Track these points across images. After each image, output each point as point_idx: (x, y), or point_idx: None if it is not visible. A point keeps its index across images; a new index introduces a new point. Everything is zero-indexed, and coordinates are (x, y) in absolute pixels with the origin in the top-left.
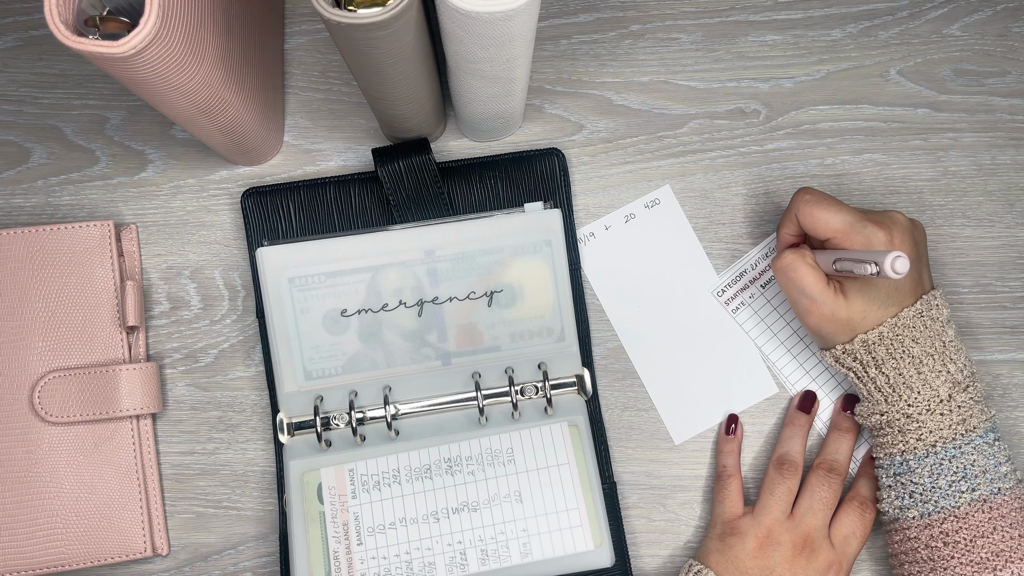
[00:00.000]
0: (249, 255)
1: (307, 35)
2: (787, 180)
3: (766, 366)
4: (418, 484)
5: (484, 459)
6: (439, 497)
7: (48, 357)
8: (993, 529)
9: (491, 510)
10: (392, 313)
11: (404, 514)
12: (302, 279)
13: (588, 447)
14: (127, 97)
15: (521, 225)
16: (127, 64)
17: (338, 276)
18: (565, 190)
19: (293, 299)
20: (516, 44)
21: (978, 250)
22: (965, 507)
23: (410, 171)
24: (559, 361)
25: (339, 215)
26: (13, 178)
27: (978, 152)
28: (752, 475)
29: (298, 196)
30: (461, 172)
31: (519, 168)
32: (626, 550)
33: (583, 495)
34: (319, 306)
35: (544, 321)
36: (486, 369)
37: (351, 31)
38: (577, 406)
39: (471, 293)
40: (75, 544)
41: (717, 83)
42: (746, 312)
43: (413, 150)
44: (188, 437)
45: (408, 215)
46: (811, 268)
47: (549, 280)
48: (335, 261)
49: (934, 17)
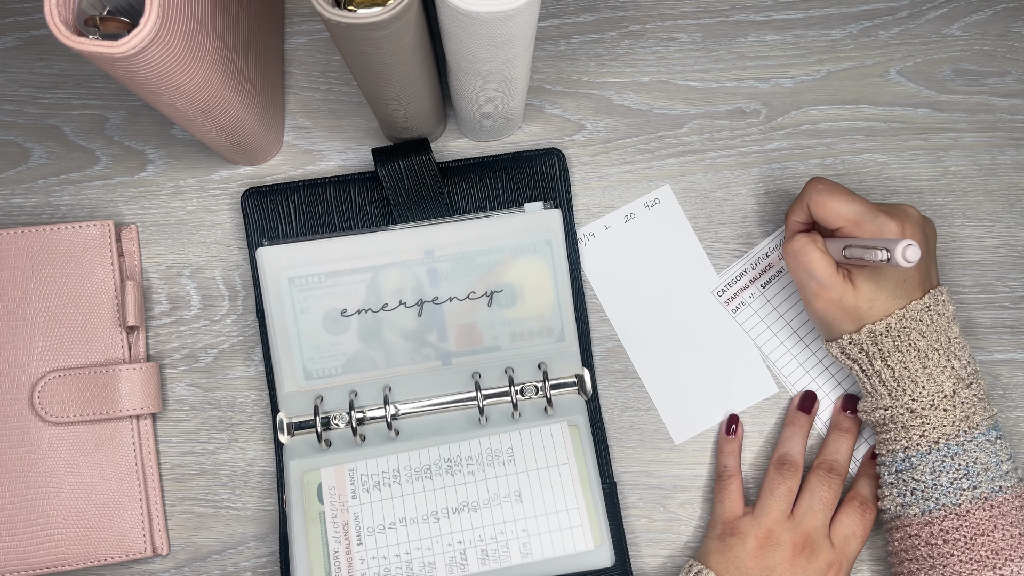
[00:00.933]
0: (249, 255)
1: (307, 35)
2: (787, 180)
3: (766, 366)
4: (418, 484)
5: (484, 459)
6: (439, 497)
7: (48, 357)
8: (994, 527)
9: (491, 510)
10: (392, 313)
11: (404, 514)
12: (302, 279)
13: (588, 447)
14: (127, 97)
15: (521, 225)
16: (127, 64)
17: (338, 276)
18: (565, 190)
19: (293, 299)
20: (516, 44)
21: (978, 250)
22: (966, 504)
23: (410, 171)
24: (559, 361)
25: (339, 215)
26: (13, 178)
27: (978, 152)
28: (752, 475)
29: (298, 196)
30: (461, 172)
31: (519, 168)
32: (626, 550)
33: (583, 495)
34: (319, 306)
35: (544, 321)
36: (486, 369)
37: (351, 31)
38: (577, 406)
39: (471, 293)
40: (75, 544)
41: (717, 83)
42: (746, 312)
43: (413, 150)
44: (188, 437)
45: (408, 215)
46: (821, 252)
47: (549, 280)
48: (335, 261)
49: (934, 17)
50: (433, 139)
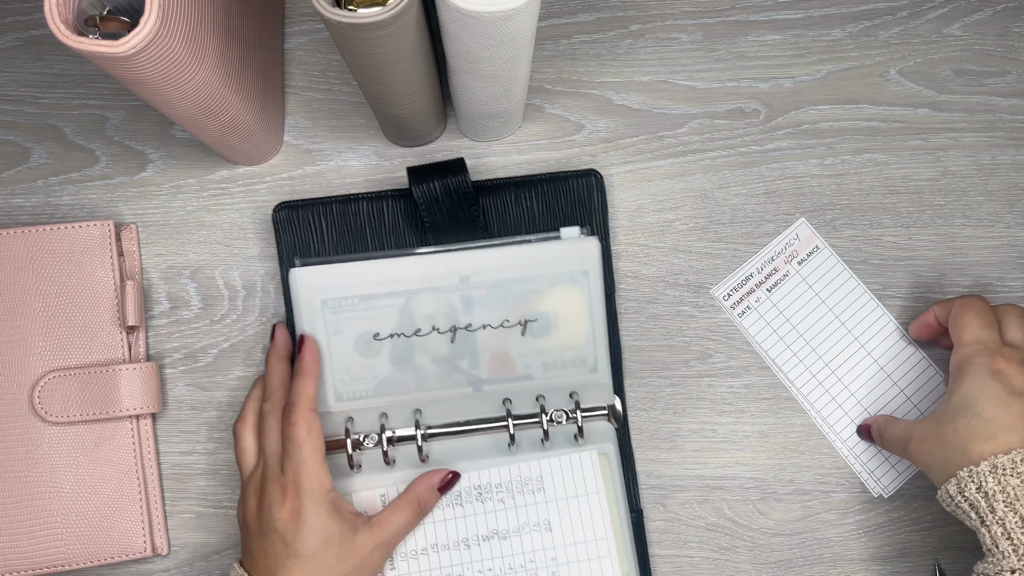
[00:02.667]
0: (280, 270)
1: (307, 35)
2: (787, 180)
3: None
4: (449, 511)
5: (514, 487)
6: (470, 524)
7: (48, 357)
8: None
9: (520, 538)
10: (424, 338)
11: (436, 540)
12: (335, 301)
13: (617, 476)
14: (127, 97)
15: (558, 254)
16: (127, 64)
17: (372, 299)
18: (602, 212)
19: (326, 321)
20: (516, 44)
21: (978, 250)
22: None
23: (446, 192)
24: (591, 391)
25: (372, 232)
26: (13, 178)
27: (978, 152)
28: (752, 475)
29: (330, 211)
30: (496, 191)
31: (555, 188)
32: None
33: (611, 525)
34: (352, 328)
35: (578, 351)
36: (517, 396)
37: (351, 31)
38: (607, 434)
39: (505, 321)
40: (75, 544)
41: (717, 83)
42: (752, 316)
43: (449, 171)
44: (188, 437)
45: (442, 236)
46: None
47: (584, 311)
48: (369, 284)
49: (934, 17)
50: (433, 139)
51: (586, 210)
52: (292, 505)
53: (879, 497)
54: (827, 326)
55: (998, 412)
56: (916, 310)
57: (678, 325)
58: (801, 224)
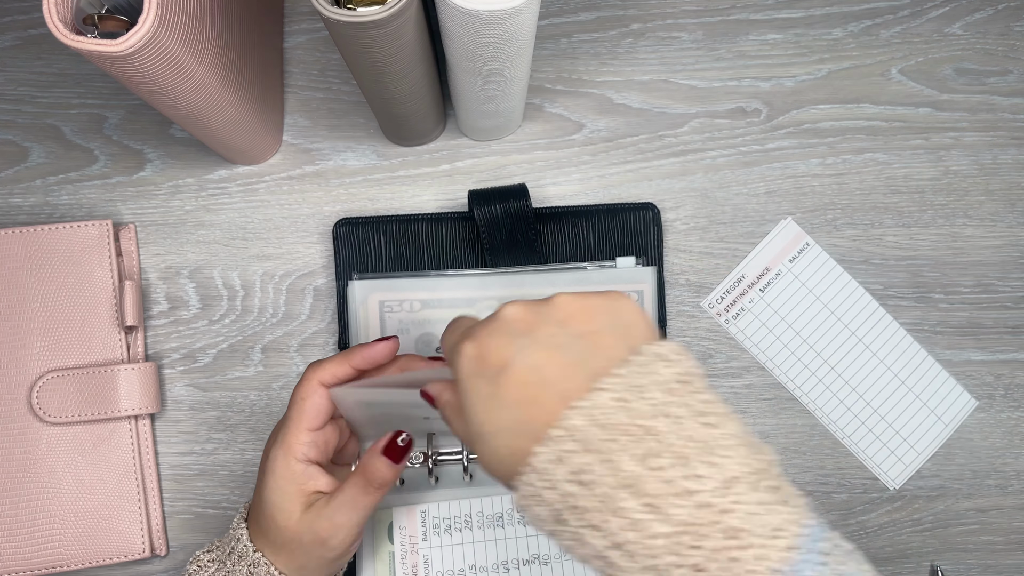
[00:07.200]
0: (337, 283)
1: (307, 34)
2: (788, 179)
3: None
4: (489, 532)
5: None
6: (510, 547)
7: (46, 357)
8: None
9: (562, 564)
10: None
11: (475, 561)
12: (392, 314)
13: None
14: (126, 96)
15: (614, 280)
16: (125, 63)
17: (429, 310)
18: (657, 246)
19: (384, 333)
20: (516, 42)
21: (979, 250)
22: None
23: (507, 217)
24: None
25: (429, 252)
26: (11, 177)
27: (980, 151)
28: None
29: (390, 229)
30: (554, 218)
31: (612, 219)
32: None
33: None
34: (406, 343)
35: None
36: None
37: (351, 29)
38: None
39: None
40: (73, 545)
41: (718, 82)
42: (746, 318)
43: (512, 196)
44: (187, 437)
45: (500, 258)
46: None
47: None
48: (426, 300)
49: (935, 16)
50: (433, 138)
51: (641, 242)
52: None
53: (888, 490)
54: (823, 322)
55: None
56: (918, 310)
57: (679, 325)
58: (789, 223)
